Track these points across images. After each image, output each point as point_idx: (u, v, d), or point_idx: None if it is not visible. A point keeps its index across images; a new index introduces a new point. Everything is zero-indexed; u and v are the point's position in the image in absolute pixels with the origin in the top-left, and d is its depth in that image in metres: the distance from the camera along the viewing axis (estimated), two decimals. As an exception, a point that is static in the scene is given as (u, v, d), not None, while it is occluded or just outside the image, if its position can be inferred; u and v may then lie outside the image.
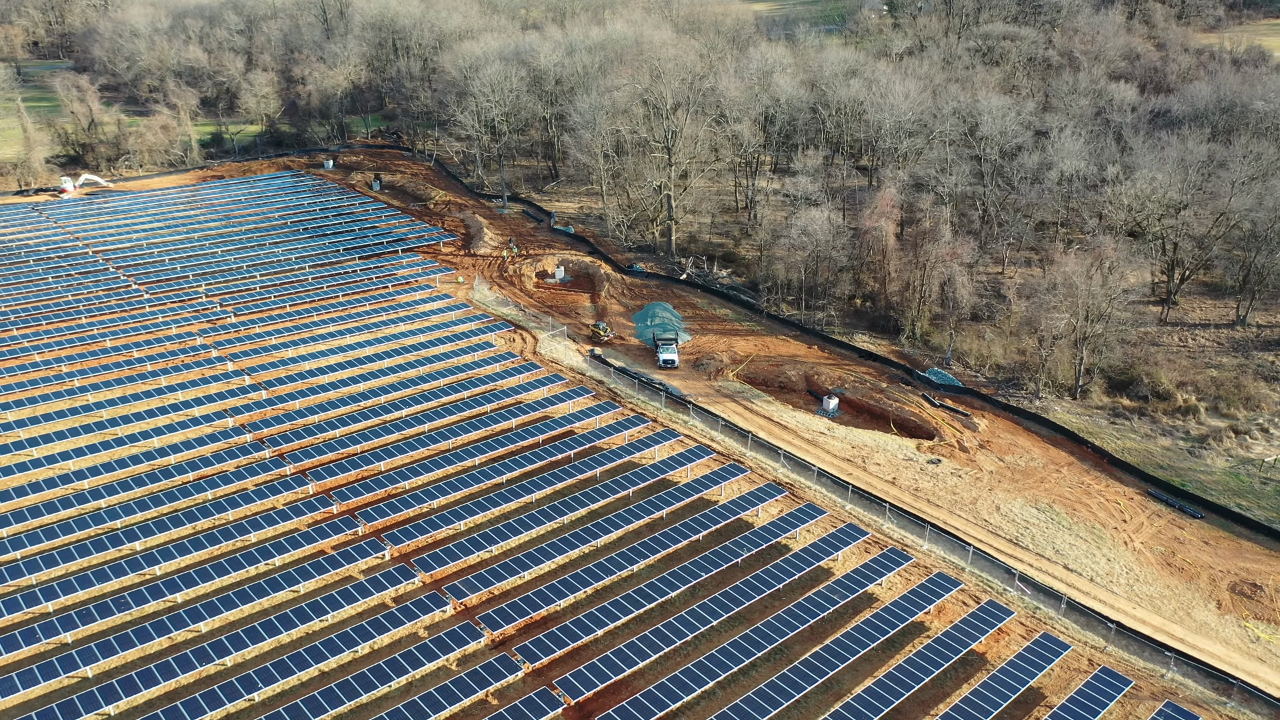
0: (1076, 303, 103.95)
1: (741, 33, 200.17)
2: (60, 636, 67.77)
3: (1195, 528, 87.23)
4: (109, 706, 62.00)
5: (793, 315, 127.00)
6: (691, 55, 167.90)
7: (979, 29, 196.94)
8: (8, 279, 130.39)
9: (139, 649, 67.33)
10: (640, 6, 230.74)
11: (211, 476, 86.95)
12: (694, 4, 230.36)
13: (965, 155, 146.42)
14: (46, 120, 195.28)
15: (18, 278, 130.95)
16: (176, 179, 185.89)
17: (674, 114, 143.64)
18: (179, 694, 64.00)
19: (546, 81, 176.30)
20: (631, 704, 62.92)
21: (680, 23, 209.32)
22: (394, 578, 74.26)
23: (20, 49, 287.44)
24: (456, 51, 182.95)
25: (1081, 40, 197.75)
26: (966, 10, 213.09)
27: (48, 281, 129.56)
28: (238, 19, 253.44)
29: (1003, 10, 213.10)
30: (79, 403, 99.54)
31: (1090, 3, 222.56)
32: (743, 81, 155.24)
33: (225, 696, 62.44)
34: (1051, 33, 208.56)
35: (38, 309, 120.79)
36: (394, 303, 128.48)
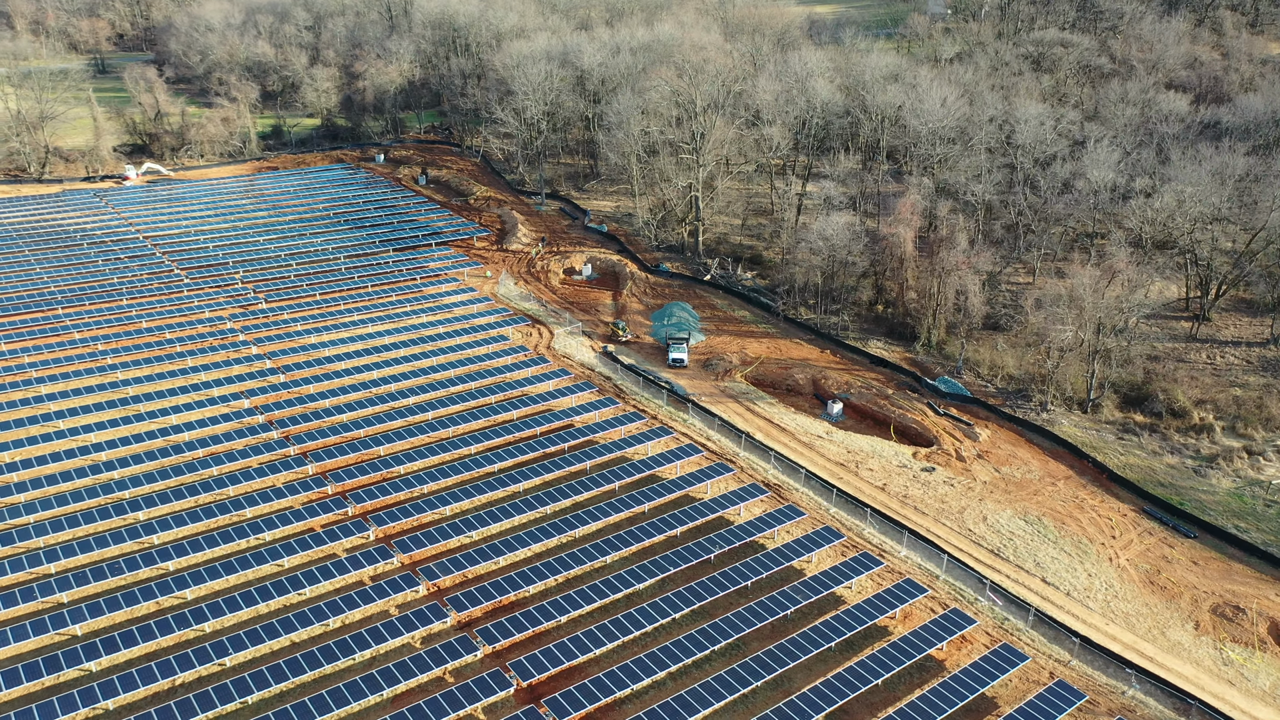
0: (1084, 315, 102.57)
1: (787, 35, 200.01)
2: (56, 596, 72.30)
3: (1186, 547, 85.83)
4: (90, 663, 66.12)
5: (810, 319, 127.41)
6: (730, 57, 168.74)
7: (1031, 35, 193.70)
8: (62, 261, 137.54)
9: (126, 611, 71.49)
10: (694, 8, 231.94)
11: (219, 454, 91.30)
12: (748, 5, 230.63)
13: (999, 163, 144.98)
14: (116, 110, 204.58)
15: (71, 260, 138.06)
16: (234, 169, 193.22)
17: (703, 115, 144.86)
18: (157, 655, 67.84)
19: (590, 81, 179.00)
20: (579, 689, 64.84)
21: (732, 25, 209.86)
22: (373, 557, 77.34)
23: (105, 41, 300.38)
24: (506, 50, 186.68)
25: (1140, 48, 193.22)
26: (1021, 16, 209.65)
27: (97, 264, 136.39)
28: (307, 15, 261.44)
29: (1060, 17, 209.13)
30: (109, 379, 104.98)
31: (1154, 10, 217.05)
32: (779, 85, 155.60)
33: (197, 660, 66.08)
34: (1110, 40, 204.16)
35: (84, 290, 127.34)
36: (420, 294, 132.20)
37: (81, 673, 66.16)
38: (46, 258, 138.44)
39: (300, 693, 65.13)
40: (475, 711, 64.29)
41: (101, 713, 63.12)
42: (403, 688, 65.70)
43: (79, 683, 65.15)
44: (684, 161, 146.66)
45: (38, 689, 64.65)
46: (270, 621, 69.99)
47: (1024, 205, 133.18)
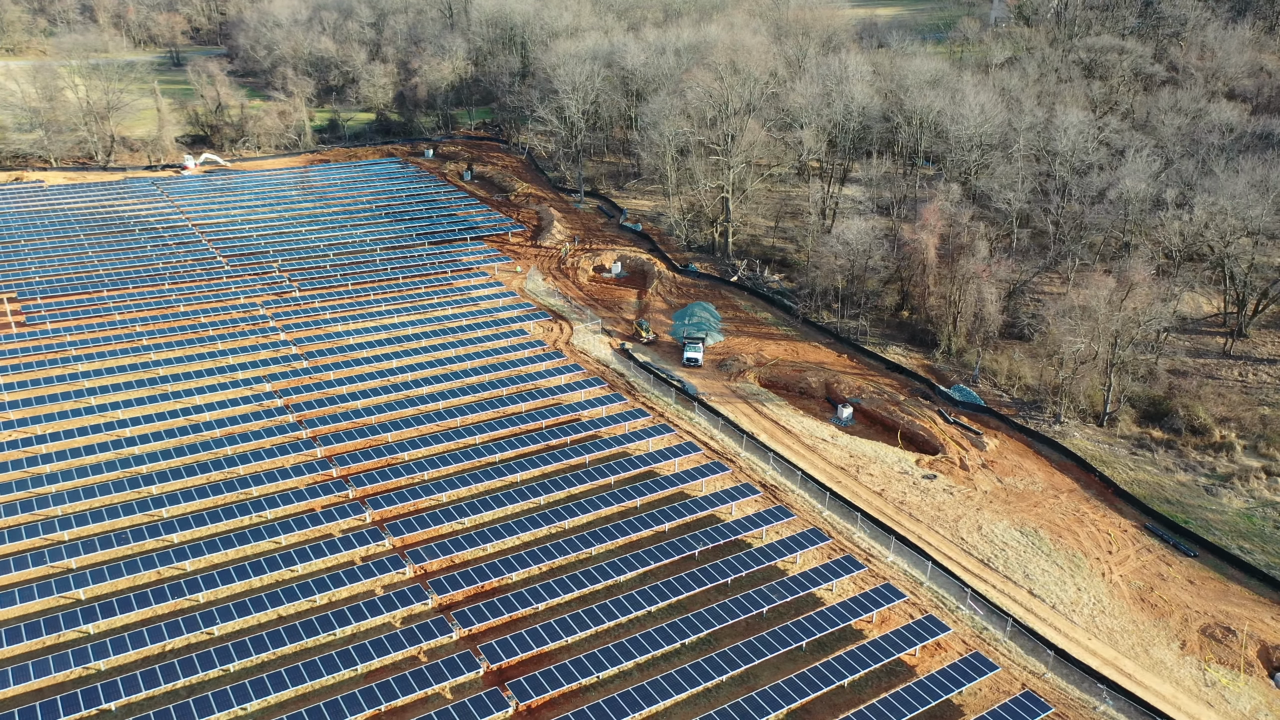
0: (1098, 328, 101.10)
1: (834, 38, 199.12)
2: (65, 561, 76.46)
3: (1185, 566, 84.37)
4: (88, 625, 69.93)
5: (831, 323, 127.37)
6: (770, 59, 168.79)
7: (1084, 41, 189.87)
8: (113, 246, 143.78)
9: (128, 579, 75.29)
10: (746, 9, 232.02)
11: (235, 435, 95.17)
12: (801, 7, 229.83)
13: (1036, 171, 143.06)
14: (181, 102, 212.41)
15: (122, 245, 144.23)
16: (288, 161, 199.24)
17: (734, 117, 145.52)
18: (151, 621, 71.38)
19: (634, 81, 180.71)
20: (545, 674, 66.58)
21: (783, 26, 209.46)
22: (365, 539, 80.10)
23: (180, 35, 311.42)
24: (553, 49, 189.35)
25: (1200, 55, 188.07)
26: (1077, 21, 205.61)
27: (146, 250, 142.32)
28: (369, 12, 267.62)
29: (1119, 23, 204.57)
30: (142, 359, 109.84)
31: (1220, 16, 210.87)
32: (816, 87, 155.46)
33: (186, 628, 69.43)
34: (1170, 46, 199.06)
35: (130, 273, 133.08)
36: (449, 287, 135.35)
37: (80, 634, 69.97)
38: (99, 242, 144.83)
39: (279, 664, 68.02)
40: (443, 690, 66.48)
41: (93, 672, 66.74)
42: (376, 664, 68.20)
43: (76, 643, 68.95)
44: (715, 162, 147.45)
45: (37, 647, 68.59)
46: (260, 595, 73.09)
47: (1058, 214, 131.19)
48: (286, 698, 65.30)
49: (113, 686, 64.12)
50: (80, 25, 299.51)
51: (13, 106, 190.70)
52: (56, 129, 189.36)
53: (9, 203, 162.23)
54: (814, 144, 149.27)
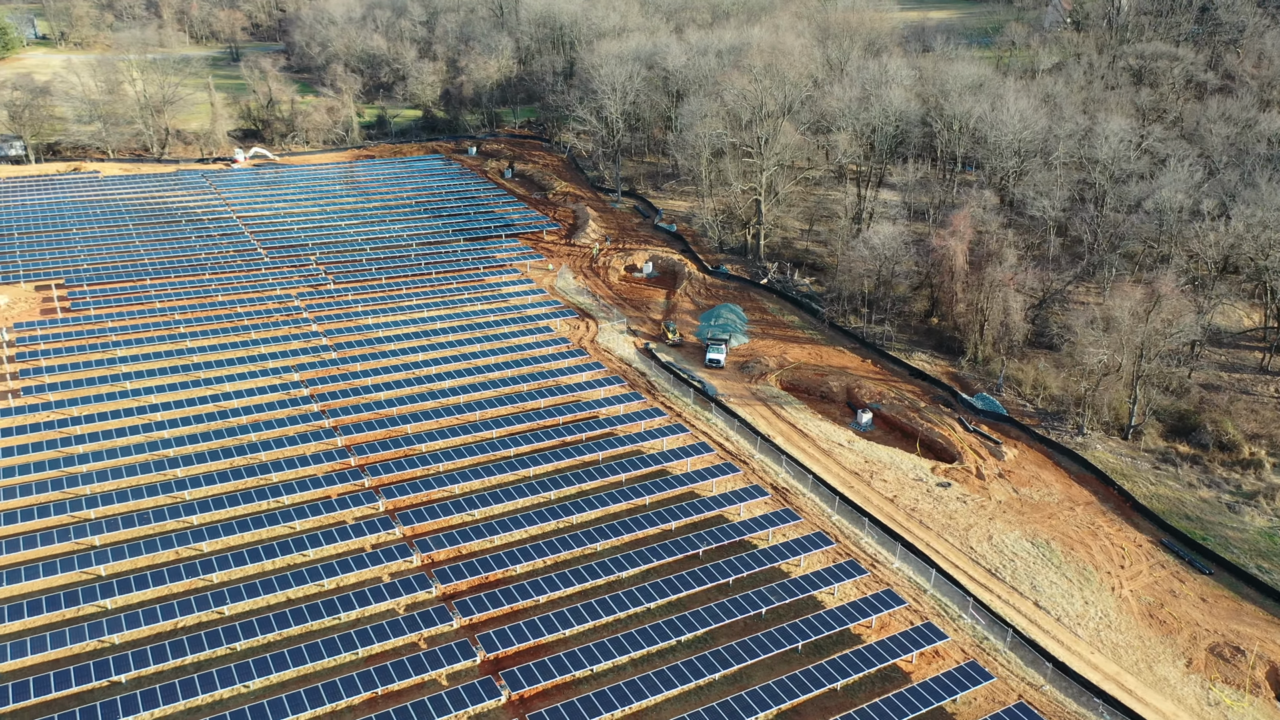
0: (1122, 339, 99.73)
1: (877, 41, 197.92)
2: (89, 539, 79.42)
3: (1198, 583, 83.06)
4: (106, 600, 72.72)
5: (857, 328, 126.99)
6: (811, 62, 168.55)
7: (1134, 47, 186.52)
8: (159, 236, 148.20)
9: (147, 557, 78.04)
10: (794, 11, 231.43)
11: (260, 422, 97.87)
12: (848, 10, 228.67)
13: (1075, 179, 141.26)
14: (234, 97, 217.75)
15: (168, 236, 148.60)
16: (334, 156, 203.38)
17: (769, 119, 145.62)
18: (166, 599, 73.91)
19: (674, 82, 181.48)
20: (539, 665, 67.76)
21: (827, 29, 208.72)
22: (376, 527, 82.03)
23: (240, 31, 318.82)
24: (595, 49, 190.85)
25: (1255, 63, 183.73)
26: (1130, 26, 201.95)
27: (190, 241, 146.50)
28: (422, 10, 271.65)
29: (1173, 29, 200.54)
30: (178, 346, 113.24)
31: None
32: (853, 91, 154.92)
33: (197, 606, 71.84)
34: (1225, 54, 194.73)
35: (173, 263, 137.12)
36: (480, 283, 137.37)
37: (98, 609, 72.75)
38: (147, 232, 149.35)
39: (284, 644, 70.09)
40: (439, 676, 68.01)
41: (108, 646, 69.38)
42: (377, 648, 69.98)
43: (93, 617, 71.69)
44: (748, 165, 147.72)
45: (57, 619, 71.48)
46: (270, 578, 75.31)
47: (1093, 223, 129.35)
48: (288, 677, 67.30)
49: (124, 660, 66.68)
50: (145, 20, 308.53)
51: (73, 99, 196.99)
52: (114, 121, 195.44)
53: (65, 192, 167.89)
54: (849, 148, 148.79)
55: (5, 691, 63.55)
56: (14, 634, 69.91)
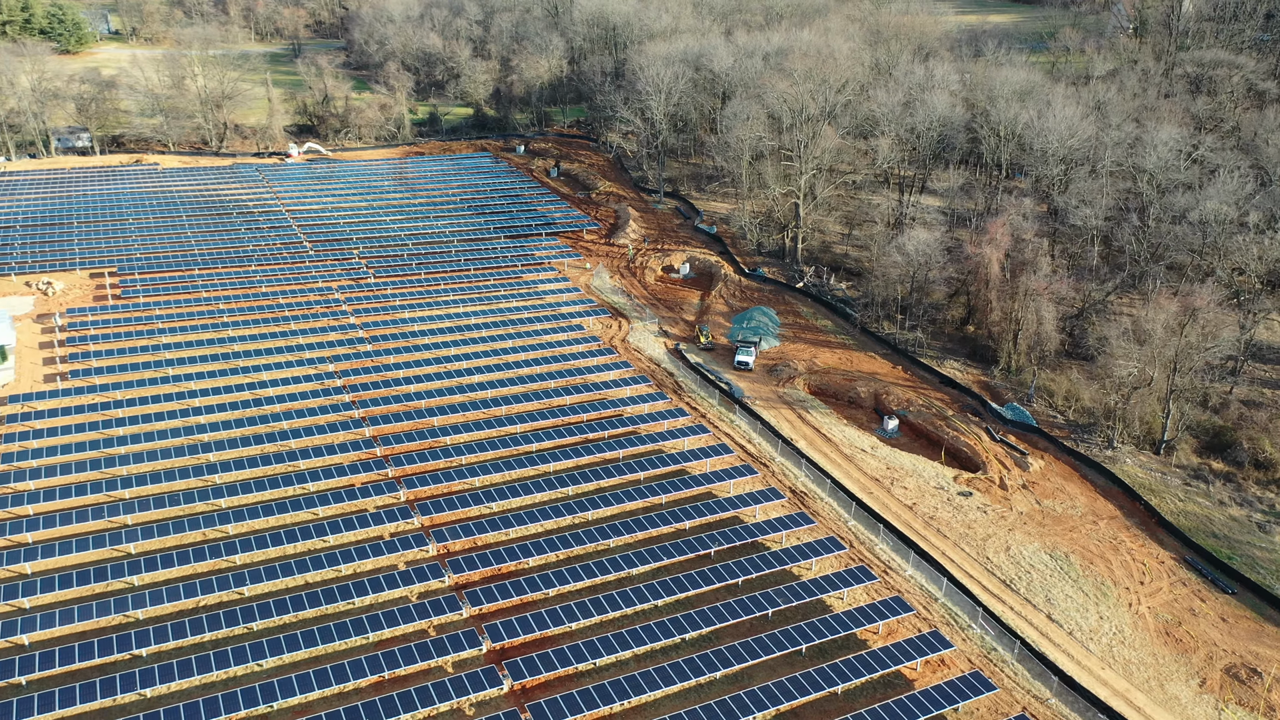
0: (1154, 353, 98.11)
1: (925, 45, 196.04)
2: (122, 518, 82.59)
3: (1220, 602, 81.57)
4: (133, 576, 75.72)
5: (890, 333, 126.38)
6: (855, 66, 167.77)
7: (1192, 54, 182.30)
8: (210, 227, 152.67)
9: (175, 537, 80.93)
10: (845, 15, 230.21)
11: (293, 410, 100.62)
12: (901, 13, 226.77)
13: (1120, 188, 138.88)
14: (291, 93, 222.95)
15: (219, 227, 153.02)
16: (385, 152, 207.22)
17: (809, 123, 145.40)
18: (190, 578, 76.68)
19: (720, 84, 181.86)
20: (542, 656, 69.06)
21: (877, 33, 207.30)
22: (395, 515, 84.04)
23: (303, 28, 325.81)
24: (643, 50, 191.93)
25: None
26: (1190, 33, 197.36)
27: (240, 232, 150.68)
28: (478, 10, 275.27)
29: (1235, 36, 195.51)
30: (220, 335, 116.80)
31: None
32: (898, 95, 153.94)
33: (218, 586, 74.50)
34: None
35: (221, 254, 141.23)
36: (518, 280, 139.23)
37: (125, 585, 75.70)
38: (199, 223, 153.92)
39: (298, 626, 72.28)
40: (444, 663, 69.64)
41: (132, 620, 72.21)
42: (387, 634, 71.84)
43: (120, 593, 74.63)
44: (788, 168, 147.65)
45: (86, 594, 74.53)
46: (290, 561, 77.67)
47: (1135, 233, 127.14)
48: (300, 657, 69.43)
49: (145, 634, 69.37)
50: (212, 17, 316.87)
51: (137, 93, 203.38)
52: (175, 115, 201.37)
53: (125, 183, 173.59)
54: (890, 153, 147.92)
55: (32, 660, 66.56)
56: (46, 605, 73.07)
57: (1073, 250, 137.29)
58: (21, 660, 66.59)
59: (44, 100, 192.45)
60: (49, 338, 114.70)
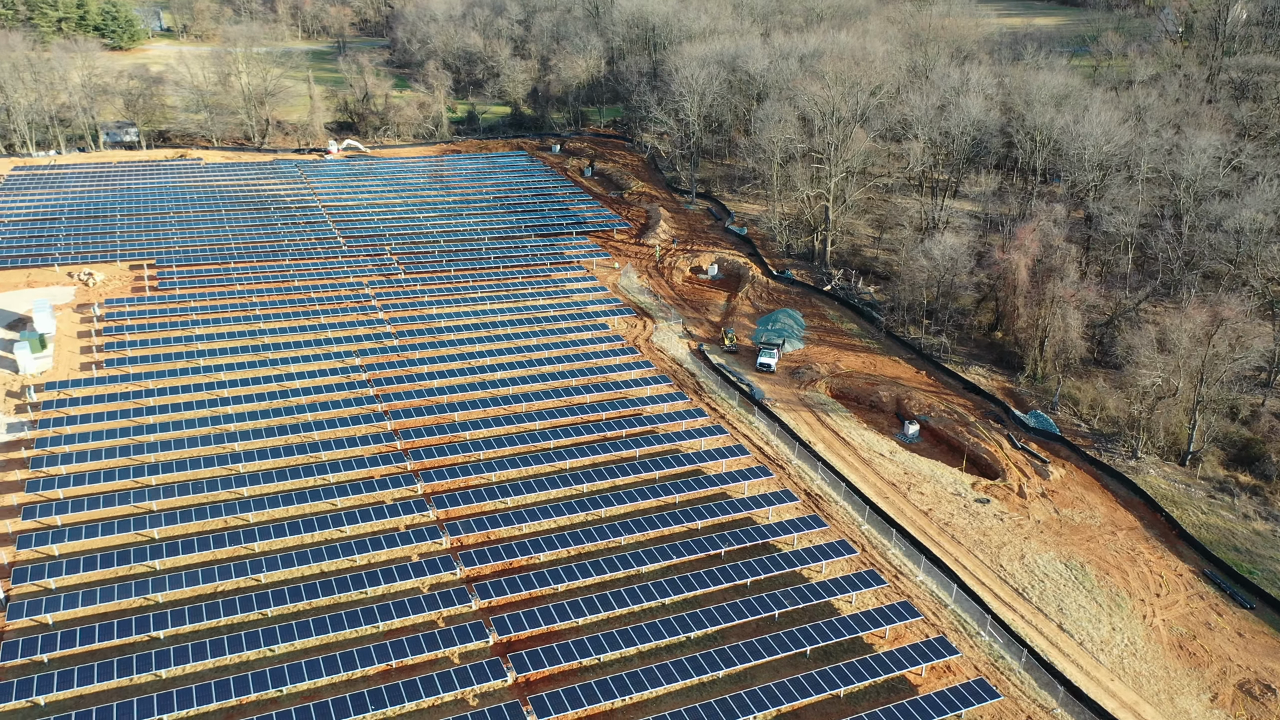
0: (1178, 362, 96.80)
1: (963, 48, 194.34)
2: (147, 503, 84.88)
3: (1237, 617, 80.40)
4: (154, 560, 77.78)
5: (916, 338, 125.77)
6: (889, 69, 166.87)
7: (1236, 60, 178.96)
8: (248, 222, 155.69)
9: (197, 523, 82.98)
10: (884, 17, 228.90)
11: (317, 402, 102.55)
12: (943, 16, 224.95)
13: (1156, 195, 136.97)
14: (333, 90, 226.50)
15: (256, 222, 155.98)
16: (423, 150, 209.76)
17: (839, 125, 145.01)
18: (209, 563, 78.63)
19: (754, 85, 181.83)
20: (545, 650, 69.90)
21: (915, 35, 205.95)
22: (411, 508, 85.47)
23: (348, 27, 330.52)
24: (678, 51, 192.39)
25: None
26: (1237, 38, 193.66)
27: (276, 227, 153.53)
28: (519, 9, 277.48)
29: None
30: (252, 327, 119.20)
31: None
32: (931, 99, 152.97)
33: (236, 573, 76.30)
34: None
35: (256, 248, 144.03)
36: (546, 279, 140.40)
37: (147, 569, 77.82)
38: (237, 217, 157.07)
39: (312, 613, 73.83)
40: (451, 654, 70.76)
41: (151, 603, 74.23)
42: (397, 623, 73.15)
43: (141, 576, 76.71)
44: (818, 170, 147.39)
45: (109, 576, 76.71)
46: (306, 550, 79.37)
47: (1168, 240, 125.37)
48: (311, 644, 70.95)
49: (163, 617, 71.30)
50: (261, 15, 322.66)
51: (182, 89, 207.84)
52: (219, 111, 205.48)
53: (168, 177, 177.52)
54: (922, 156, 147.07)
55: (54, 639, 68.73)
56: (71, 586, 75.35)
57: (1105, 257, 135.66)
58: (44, 639, 68.81)
59: (93, 95, 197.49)
60: (87, 327, 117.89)
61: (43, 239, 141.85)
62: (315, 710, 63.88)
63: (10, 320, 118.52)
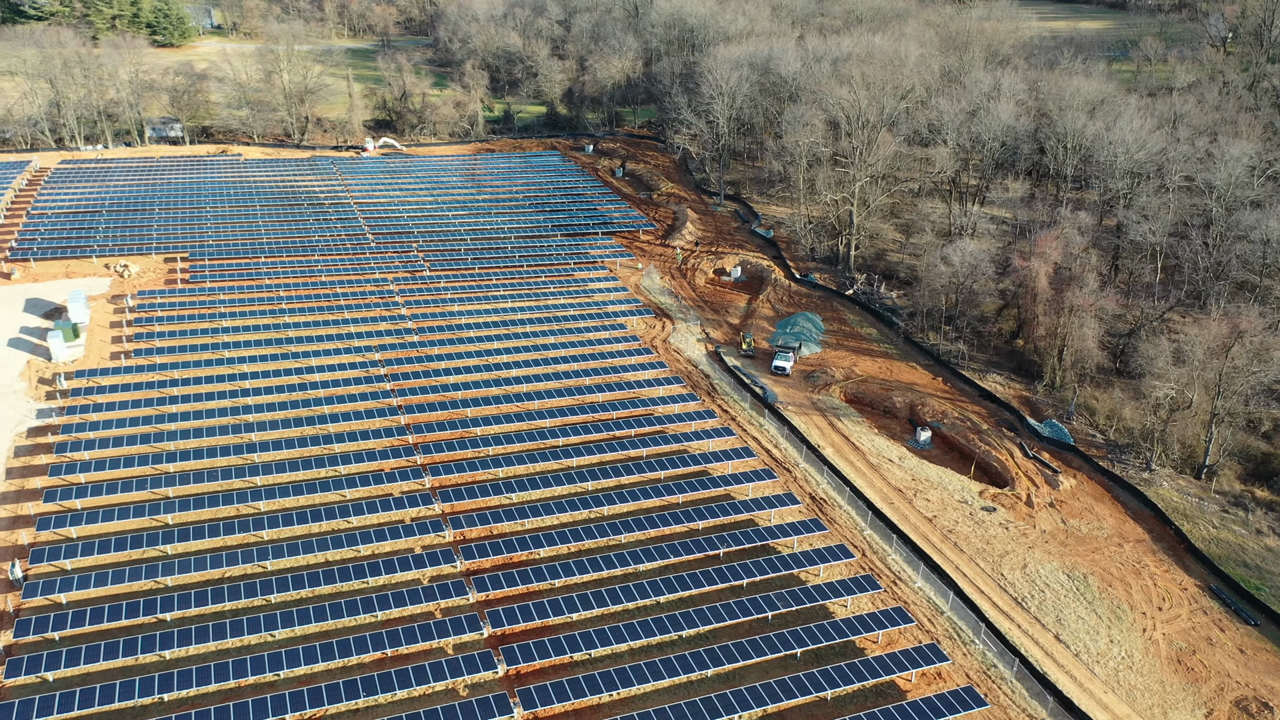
0: (1191, 373, 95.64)
1: (1000, 53, 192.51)
2: (163, 490, 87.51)
3: (1240, 633, 79.45)
4: (166, 545, 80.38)
5: (934, 344, 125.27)
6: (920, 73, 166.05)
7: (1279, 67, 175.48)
8: (281, 217, 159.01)
9: (210, 510, 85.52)
10: (923, 20, 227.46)
11: (335, 395, 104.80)
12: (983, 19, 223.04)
13: (1186, 204, 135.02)
14: (372, 89, 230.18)
15: (289, 217, 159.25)
16: (458, 149, 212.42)
17: (865, 129, 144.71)
18: (220, 550, 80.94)
19: (786, 88, 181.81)
20: (537, 644, 71.19)
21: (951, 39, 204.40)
22: (417, 501, 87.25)
23: (393, 25, 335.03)
24: (710, 53, 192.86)
25: None
26: None
27: (308, 223, 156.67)
28: (560, 10, 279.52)
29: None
30: (277, 321, 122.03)
31: None
32: (961, 104, 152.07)
33: (243, 559, 78.57)
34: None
35: (287, 243, 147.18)
36: (569, 278, 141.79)
37: (159, 553, 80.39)
38: (271, 213, 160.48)
39: (314, 601, 75.80)
40: (445, 645, 72.32)
41: (161, 587, 76.74)
42: (395, 613, 74.89)
43: (153, 560, 79.30)
44: (842, 174, 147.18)
45: (123, 559, 79.37)
46: (312, 540, 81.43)
47: (1194, 250, 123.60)
48: (311, 631, 72.90)
49: (170, 600, 73.71)
50: (309, 14, 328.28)
51: (225, 86, 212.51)
52: (260, 108, 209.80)
53: (207, 173, 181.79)
54: (948, 162, 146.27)
55: (65, 618, 71.39)
56: (85, 568, 78.08)
57: (1132, 266, 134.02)
58: (56, 617, 71.45)
59: (140, 91, 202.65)
60: (119, 317, 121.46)
61: (83, 231, 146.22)
62: (309, 694, 65.77)
63: (48, 309, 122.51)
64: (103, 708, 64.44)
